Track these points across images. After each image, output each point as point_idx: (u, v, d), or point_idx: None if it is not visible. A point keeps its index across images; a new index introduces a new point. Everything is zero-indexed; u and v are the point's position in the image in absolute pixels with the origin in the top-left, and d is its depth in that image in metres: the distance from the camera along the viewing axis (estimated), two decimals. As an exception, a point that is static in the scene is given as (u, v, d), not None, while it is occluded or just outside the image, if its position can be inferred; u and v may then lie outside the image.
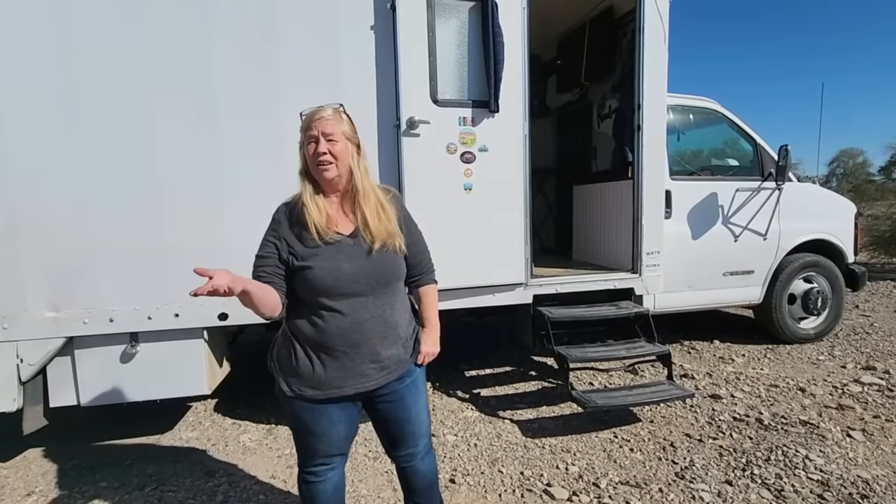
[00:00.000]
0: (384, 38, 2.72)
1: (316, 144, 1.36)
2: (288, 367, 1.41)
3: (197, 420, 3.17)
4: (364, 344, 1.39)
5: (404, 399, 1.51)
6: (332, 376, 1.39)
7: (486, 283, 3.03)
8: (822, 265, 4.23)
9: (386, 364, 1.44)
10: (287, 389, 1.41)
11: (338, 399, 1.41)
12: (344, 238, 1.40)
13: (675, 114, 3.92)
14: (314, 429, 1.44)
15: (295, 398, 1.40)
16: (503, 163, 2.96)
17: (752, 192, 3.98)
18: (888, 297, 6.22)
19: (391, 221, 1.44)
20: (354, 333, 1.38)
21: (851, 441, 2.58)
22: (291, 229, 1.40)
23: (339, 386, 1.39)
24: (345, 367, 1.39)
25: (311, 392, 1.39)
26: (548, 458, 2.56)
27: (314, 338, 1.38)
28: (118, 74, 2.45)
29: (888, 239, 9.55)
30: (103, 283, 2.51)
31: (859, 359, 3.86)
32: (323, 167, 1.36)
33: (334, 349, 1.38)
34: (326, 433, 1.45)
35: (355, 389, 1.41)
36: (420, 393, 1.58)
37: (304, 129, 1.40)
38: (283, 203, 1.47)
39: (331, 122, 1.37)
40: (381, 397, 1.48)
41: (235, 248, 2.58)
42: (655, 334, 3.16)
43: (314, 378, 1.39)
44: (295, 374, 1.40)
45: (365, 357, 1.40)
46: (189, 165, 2.56)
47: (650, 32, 3.25)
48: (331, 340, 1.37)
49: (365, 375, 1.41)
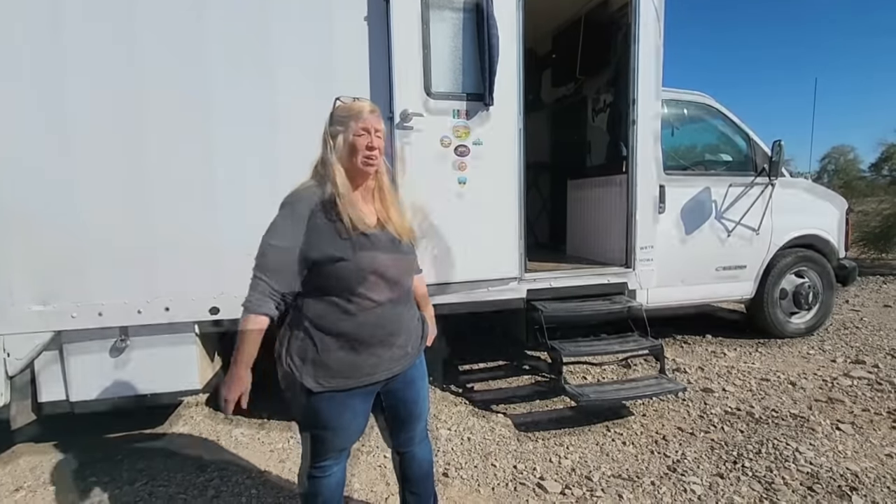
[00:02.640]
0: (378, 29, 2.69)
1: (369, 137, 1.37)
2: (314, 361, 1.36)
3: (189, 415, 3.15)
4: (398, 333, 1.44)
5: (415, 380, 1.57)
6: (367, 364, 1.39)
7: (480, 278, 3.02)
8: (813, 260, 4.26)
9: (410, 349, 1.50)
10: (314, 384, 1.36)
11: (366, 387, 1.42)
12: (375, 230, 1.41)
13: (669, 108, 3.91)
14: (337, 422, 1.42)
15: (321, 392, 1.37)
16: (498, 156, 2.95)
17: (746, 187, 3.99)
18: (877, 293, 6.29)
19: (406, 217, 1.51)
20: (391, 323, 1.42)
21: (841, 434, 2.61)
22: (322, 221, 1.35)
23: (371, 373, 1.40)
24: (379, 354, 1.41)
25: (341, 382, 1.37)
26: (541, 451, 2.57)
27: (348, 329, 1.37)
28: (106, 66, 2.41)
29: (878, 235, 9.66)
30: (92, 277, 2.47)
31: (849, 353, 3.90)
32: (371, 161, 1.39)
33: (371, 338, 1.39)
34: (349, 426, 1.45)
35: (385, 375, 1.44)
36: (425, 373, 1.64)
37: (350, 119, 1.38)
38: (297, 193, 1.40)
39: (378, 118, 1.41)
40: (397, 380, 1.50)
41: (228, 241, 2.58)
42: (648, 329, 3.17)
43: (347, 369, 1.37)
44: (323, 366, 1.36)
45: (397, 344, 1.44)
46: (179, 157, 2.52)
47: (645, 26, 3.24)
48: (368, 330, 1.38)
49: (395, 360, 1.45)
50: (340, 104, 1.43)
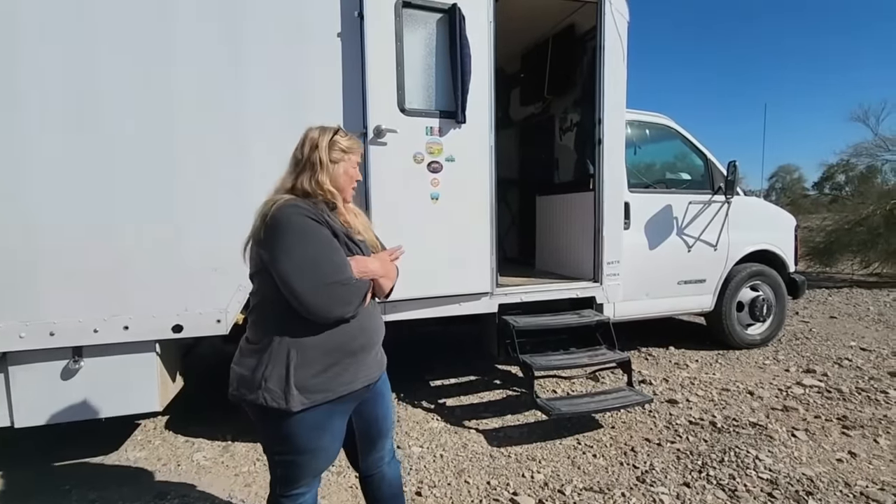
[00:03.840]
0: (351, 46, 2.70)
1: (356, 169, 1.51)
2: (296, 379, 1.28)
3: (146, 438, 2.99)
4: (376, 340, 1.48)
5: (384, 394, 1.57)
6: (343, 376, 1.37)
7: (452, 293, 3.03)
8: (766, 274, 4.49)
9: (382, 356, 1.53)
10: (296, 404, 1.28)
11: (346, 400, 1.39)
12: (359, 241, 1.47)
13: (632, 129, 4.08)
14: (316, 444, 1.36)
15: (302, 412, 1.29)
16: (470, 173, 2.99)
17: (704, 204, 4.19)
18: (824, 304, 6.68)
19: (372, 232, 1.59)
20: (371, 332, 1.44)
21: (796, 441, 2.73)
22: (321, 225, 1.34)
23: (349, 381, 1.38)
24: (359, 363, 1.40)
25: (322, 396, 1.32)
26: (514, 466, 2.57)
27: (332, 342, 1.34)
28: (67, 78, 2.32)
29: (822, 250, 10.30)
30: (43, 293, 2.33)
31: (801, 362, 4.11)
32: (354, 189, 1.53)
33: (353, 349, 1.38)
34: (328, 448, 1.40)
35: (363, 383, 1.42)
36: (389, 386, 1.63)
37: (351, 152, 1.48)
38: (288, 201, 1.33)
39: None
40: (370, 394, 1.49)
41: (194, 253, 2.50)
42: (616, 342, 3.25)
43: (328, 381, 1.33)
44: (299, 387, 1.29)
45: (371, 350, 1.45)
46: (141, 167, 2.44)
47: (610, 50, 3.38)
48: (352, 342, 1.38)
49: (370, 367, 1.45)
50: (344, 135, 1.48)
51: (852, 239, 9.92)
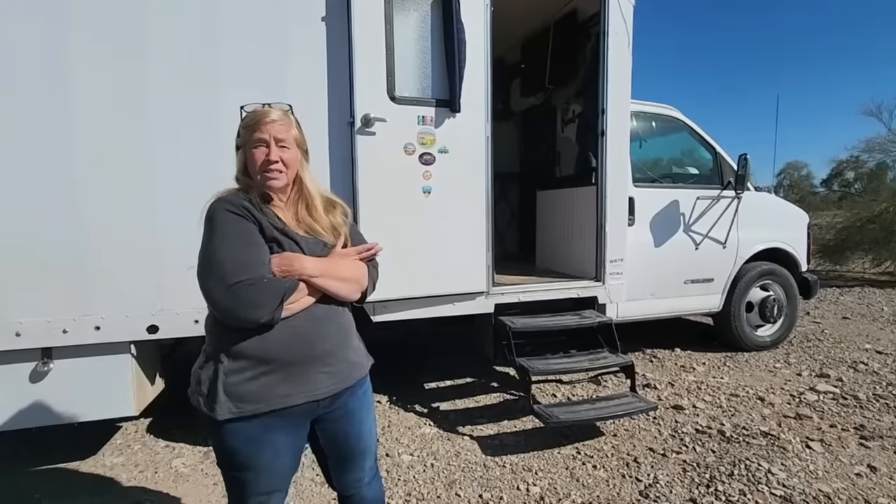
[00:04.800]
0: (337, 30, 2.53)
1: (267, 149, 1.23)
2: (216, 389, 1.17)
3: (125, 443, 2.86)
4: (317, 348, 1.24)
5: (355, 412, 1.36)
6: (279, 388, 1.19)
7: (445, 292, 2.87)
8: (777, 273, 4.30)
9: (337, 370, 1.29)
10: (221, 411, 1.16)
11: (284, 416, 1.21)
12: (299, 233, 1.27)
13: (637, 121, 3.89)
14: (255, 461, 1.22)
15: (231, 421, 1.17)
16: (465, 165, 2.82)
17: (712, 200, 4.00)
18: (835, 304, 6.47)
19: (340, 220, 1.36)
20: (312, 340, 1.23)
21: (811, 453, 2.56)
22: (248, 221, 1.21)
23: (286, 394, 1.20)
24: (294, 374, 1.21)
25: (252, 407, 1.17)
26: (508, 478, 2.41)
27: (257, 349, 1.18)
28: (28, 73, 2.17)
29: (832, 248, 10.07)
30: (7, 292, 2.19)
31: (813, 366, 3.92)
32: (272, 176, 1.24)
33: (283, 358, 1.20)
34: (270, 466, 1.24)
35: (305, 398, 1.23)
36: (370, 406, 1.44)
37: (248, 128, 1.25)
38: (221, 196, 1.24)
39: (283, 126, 1.25)
40: (331, 412, 1.31)
41: (169, 248, 2.35)
42: (618, 344, 3.08)
43: (255, 393, 1.18)
44: (227, 394, 1.17)
45: (317, 362, 1.24)
46: (112, 158, 2.29)
47: (614, 37, 3.20)
48: (285, 350, 1.19)
49: (316, 381, 1.24)
50: (245, 113, 1.28)
51: (864, 237, 9.69)
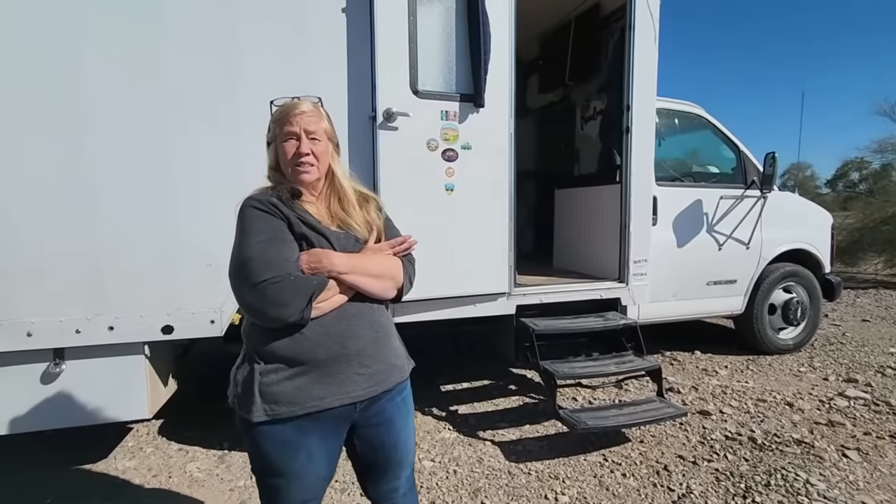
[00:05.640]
0: (358, 21, 2.44)
1: (298, 142, 1.20)
2: (251, 390, 1.13)
3: (137, 445, 2.79)
4: (349, 346, 1.18)
5: (393, 421, 1.29)
6: (313, 390, 1.14)
7: (466, 293, 2.79)
8: (800, 275, 4.20)
9: (374, 372, 1.22)
10: (256, 413, 1.11)
11: (320, 419, 1.15)
12: (331, 228, 1.22)
13: (660, 118, 3.78)
14: (288, 467, 1.16)
15: (265, 424, 1.12)
16: (488, 162, 2.73)
17: (736, 199, 3.90)
18: (853, 307, 6.35)
19: (374, 216, 1.31)
20: (343, 339, 1.16)
21: (849, 462, 2.46)
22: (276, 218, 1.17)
23: (321, 396, 1.14)
24: (328, 375, 1.15)
25: (287, 409, 1.12)
26: (535, 486, 2.33)
27: (289, 350, 1.13)
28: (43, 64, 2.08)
29: (844, 249, 9.93)
30: (19, 291, 2.12)
31: (839, 370, 3.82)
32: (303, 169, 1.21)
33: (315, 358, 1.14)
34: (303, 472, 1.18)
35: (340, 401, 1.16)
36: (410, 413, 1.37)
37: (278, 122, 1.22)
38: (251, 195, 1.21)
39: (313, 119, 1.22)
40: (369, 419, 1.24)
41: (185, 245, 2.27)
42: (643, 347, 2.99)
43: (289, 395, 1.13)
44: (262, 395, 1.13)
45: (351, 362, 1.18)
46: (130, 151, 2.21)
47: (640, 31, 3.10)
48: (315, 349, 1.13)
49: (352, 383, 1.18)
50: (275, 108, 1.24)
51: (876, 237, 9.56)
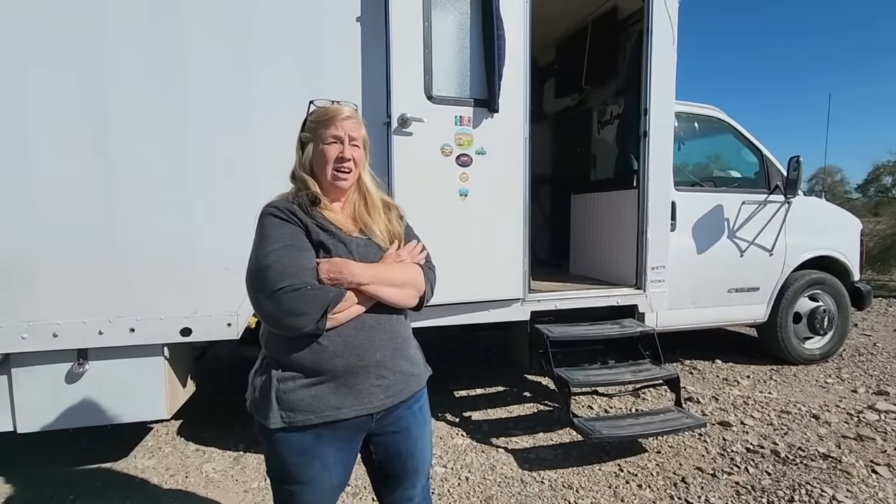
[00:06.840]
0: (373, 27, 2.47)
1: (342, 146, 1.21)
2: (269, 397, 1.14)
3: (156, 445, 2.85)
4: (367, 358, 1.17)
5: (410, 429, 1.29)
6: (330, 400, 1.14)
7: (480, 299, 2.78)
8: (827, 283, 4.06)
9: (391, 382, 1.21)
10: (273, 419, 1.12)
11: (336, 428, 1.16)
12: (352, 236, 1.22)
13: (679, 122, 3.72)
14: (303, 474, 1.17)
15: (283, 430, 1.13)
16: (502, 168, 2.73)
17: (759, 205, 3.80)
18: (884, 316, 6.12)
19: (395, 225, 1.31)
20: (361, 350, 1.16)
21: (878, 478, 2.36)
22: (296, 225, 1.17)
23: (337, 406, 1.14)
24: (345, 386, 1.15)
25: (304, 417, 1.13)
26: (548, 495, 2.30)
27: (306, 359, 1.13)
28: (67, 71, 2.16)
29: (876, 256, 9.60)
30: (46, 293, 2.19)
31: (869, 382, 3.68)
32: (343, 174, 1.22)
33: (333, 369, 1.14)
34: (317, 480, 1.18)
35: (356, 412, 1.16)
36: (427, 421, 1.36)
37: (321, 123, 1.22)
38: (272, 202, 1.21)
39: (355, 125, 1.24)
40: (385, 427, 1.24)
41: (204, 248, 2.32)
42: (661, 355, 2.93)
43: (306, 403, 1.13)
44: (279, 402, 1.13)
45: (369, 374, 1.18)
46: (150, 159, 2.27)
47: (659, 34, 3.06)
48: (333, 360, 1.14)
49: (369, 395, 1.18)
50: (314, 108, 1.25)
51: (910, 244, 9.21)
